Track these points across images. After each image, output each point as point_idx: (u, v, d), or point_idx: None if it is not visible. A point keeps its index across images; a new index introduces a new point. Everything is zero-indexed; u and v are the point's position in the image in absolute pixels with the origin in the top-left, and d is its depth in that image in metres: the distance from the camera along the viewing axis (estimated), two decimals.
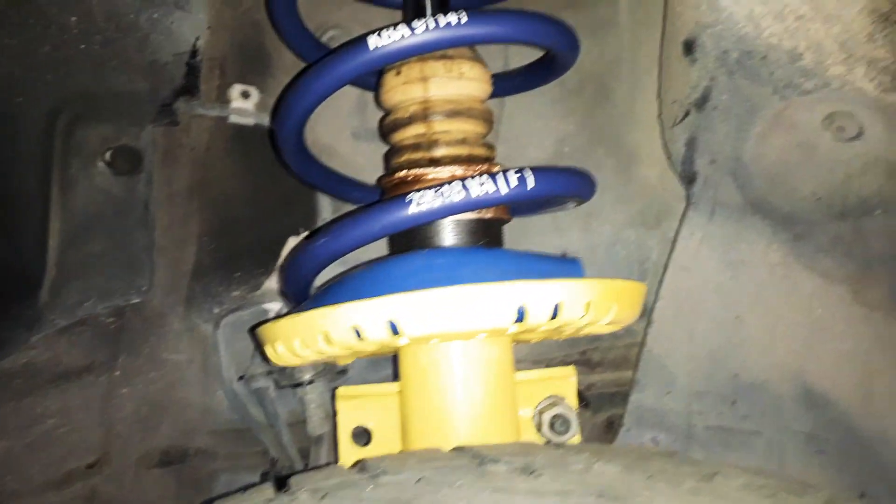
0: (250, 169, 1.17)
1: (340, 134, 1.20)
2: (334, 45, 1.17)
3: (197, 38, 1.09)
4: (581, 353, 1.26)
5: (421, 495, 0.55)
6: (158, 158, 1.11)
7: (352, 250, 0.80)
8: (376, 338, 0.72)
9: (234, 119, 1.14)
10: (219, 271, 1.16)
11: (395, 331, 0.71)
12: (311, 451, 1.19)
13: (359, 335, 0.72)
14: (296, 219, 1.18)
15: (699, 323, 1.12)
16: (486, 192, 0.76)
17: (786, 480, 0.66)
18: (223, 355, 1.15)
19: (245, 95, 1.14)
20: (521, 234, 1.20)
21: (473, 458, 0.64)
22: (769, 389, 1.12)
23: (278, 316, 1.12)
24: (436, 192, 0.76)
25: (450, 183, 0.76)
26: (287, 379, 1.15)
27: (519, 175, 0.77)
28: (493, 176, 0.77)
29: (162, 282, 1.13)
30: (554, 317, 0.72)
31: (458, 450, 0.68)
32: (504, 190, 0.76)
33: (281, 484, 0.65)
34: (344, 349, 0.74)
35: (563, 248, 1.22)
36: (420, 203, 0.75)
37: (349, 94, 1.19)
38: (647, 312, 1.14)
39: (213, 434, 1.21)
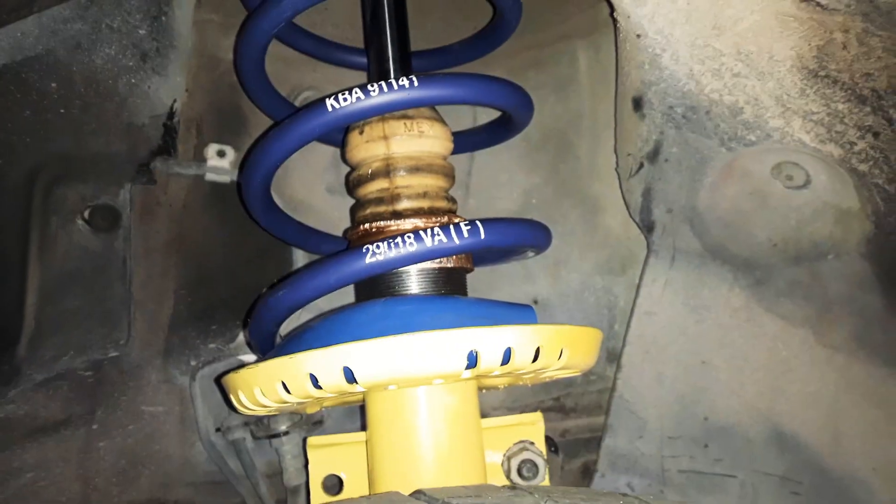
0: (226, 224, 1.20)
1: (315, 189, 1.24)
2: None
3: (174, 101, 1.13)
4: (555, 399, 1.28)
5: None
6: (136, 215, 1.13)
7: (311, 301, 0.83)
8: (332, 385, 0.74)
9: (210, 177, 1.17)
10: (195, 324, 1.18)
11: (350, 378, 0.74)
12: (287, 501, 1.20)
13: (316, 383, 0.74)
14: (271, 271, 1.21)
15: (667, 367, 1.14)
16: (440, 243, 0.79)
17: None
18: (199, 407, 1.17)
19: (221, 154, 1.17)
20: (491, 282, 1.24)
21: (427, 500, 0.66)
22: (740, 432, 1.13)
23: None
24: (390, 243, 0.79)
25: (403, 235, 0.79)
26: (263, 430, 1.16)
27: (470, 227, 0.80)
28: (445, 228, 0.80)
29: (139, 335, 1.14)
30: (505, 362, 0.75)
31: (416, 493, 0.70)
32: (456, 241, 0.79)
33: None
34: (303, 397, 0.76)
35: (533, 296, 1.25)
36: (375, 254, 0.78)
37: (324, 150, 1.24)
38: (616, 357, 1.16)
39: (192, 486, 1.21)
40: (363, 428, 0.93)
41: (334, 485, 1.00)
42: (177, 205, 1.18)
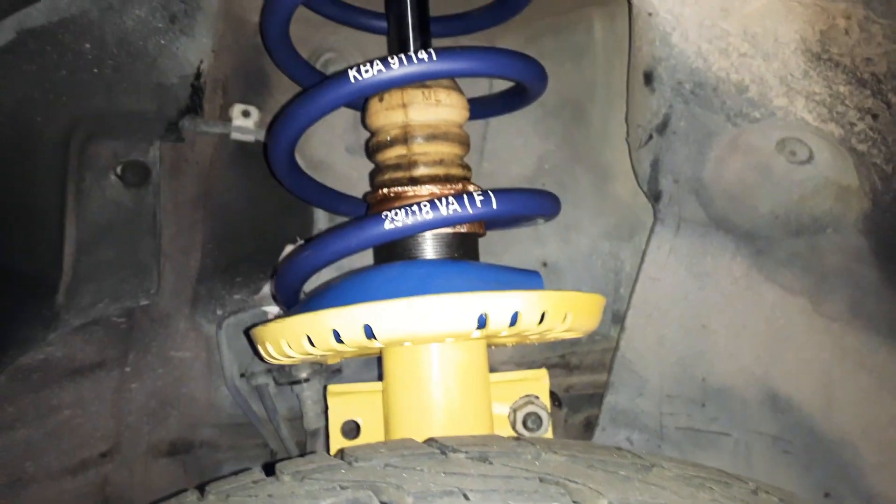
0: (251, 182, 1.25)
1: (335, 150, 1.28)
2: (330, 67, 1.25)
3: (201, 62, 1.16)
4: (560, 356, 1.34)
5: (386, 477, 0.62)
6: (165, 172, 1.17)
7: (334, 261, 0.89)
8: (353, 340, 0.80)
9: (235, 136, 1.21)
10: (221, 276, 1.24)
11: (370, 335, 0.80)
12: (307, 443, 1.27)
13: (338, 338, 0.80)
14: (293, 228, 1.26)
15: (668, 330, 1.19)
16: (454, 212, 0.84)
17: (718, 473, 0.74)
18: (225, 354, 1.23)
19: (246, 114, 1.21)
20: (503, 244, 1.29)
21: (439, 447, 0.72)
22: (736, 393, 1.18)
23: (278, 317, 1.21)
24: (408, 210, 0.84)
25: (420, 203, 0.84)
26: (285, 377, 1.23)
27: (483, 197, 0.85)
28: (459, 197, 0.85)
29: (169, 285, 1.20)
30: (513, 324, 0.80)
31: (429, 440, 0.76)
32: (470, 210, 0.84)
33: (269, 469, 0.73)
34: (326, 350, 0.82)
35: (543, 259, 1.30)
36: (394, 220, 0.84)
37: (344, 112, 1.27)
38: (621, 319, 1.21)
39: (217, 427, 1.28)
40: (380, 378, 0.99)
41: (352, 429, 1.06)
42: (204, 162, 1.22)
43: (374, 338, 0.80)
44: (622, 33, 1.16)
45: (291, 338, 0.83)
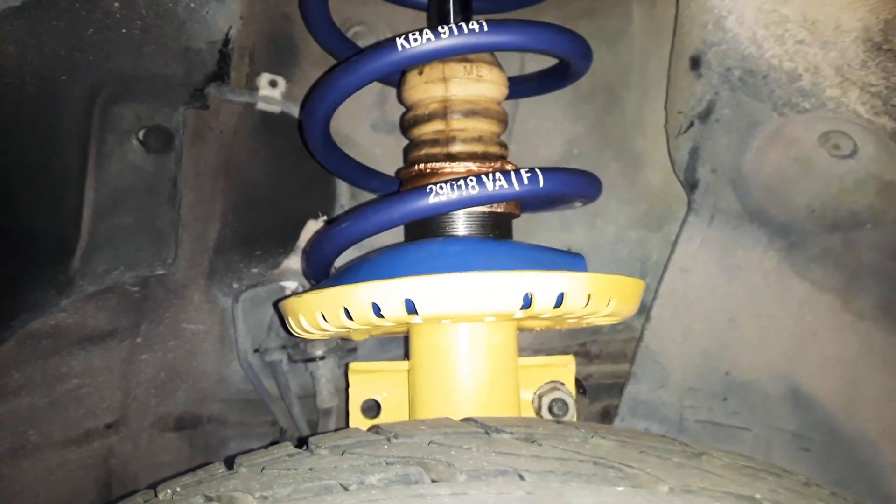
0: (274, 154, 1.22)
1: (360, 125, 1.26)
2: (359, 40, 1.22)
3: (230, 28, 1.14)
4: (581, 344, 1.32)
5: (433, 454, 0.60)
6: (188, 139, 1.15)
7: (373, 234, 0.86)
8: (393, 315, 0.78)
9: (261, 106, 1.19)
10: (240, 248, 1.21)
11: (411, 309, 0.77)
12: (319, 423, 1.25)
13: (377, 312, 0.78)
14: (315, 203, 1.23)
15: (694, 322, 1.17)
16: (500, 188, 0.82)
17: (767, 464, 0.72)
18: (240, 328, 1.21)
19: (273, 84, 1.19)
20: (529, 228, 1.26)
21: (480, 427, 0.70)
22: (758, 388, 1.17)
23: (296, 293, 1.18)
24: (453, 185, 0.82)
25: (466, 178, 0.82)
26: (300, 354, 1.21)
27: (530, 174, 0.83)
28: (506, 174, 0.83)
29: (186, 255, 1.17)
30: (558, 305, 0.78)
31: (467, 420, 0.74)
32: (517, 187, 0.82)
33: (301, 443, 0.70)
34: (363, 324, 0.80)
35: (568, 244, 1.28)
36: (439, 194, 0.81)
37: (371, 88, 1.24)
38: (645, 309, 1.19)
39: (226, 402, 1.26)
40: (406, 357, 0.97)
41: (371, 408, 1.05)
42: (227, 131, 1.20)
43: (416, 313, 0.78)
44: (662, 18, 1.14)
45: (328, 310, 0.81)
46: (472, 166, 0.94)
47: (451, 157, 0.96)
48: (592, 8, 1.24)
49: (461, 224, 0.94)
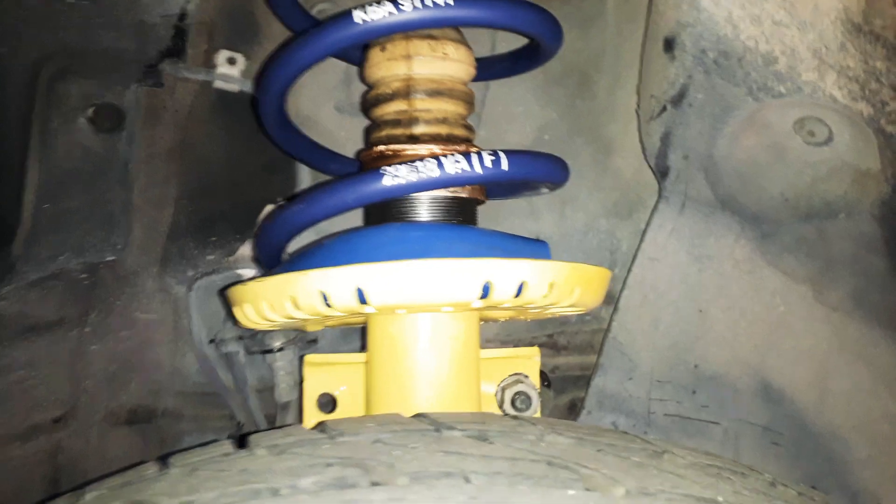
0: (232, 135, 1.17)
1: (323, 106, 1.21)
2: (324, 17, 1.17)
3: (187, 1, 1.09)
4: (548, 335, 1.29)
5: (375, 455, 0.56)
6: (141, 118, 1.10)
7: (326, 218, 0.82)
8: (343, 305, 0.73)
9: (218, 84, 1.14)
10: (195, 234, 1.16)
11: (362, 299, 0.73)
12: (277, 417, 1.21)
13: (326, 301, 0.74)
14: (275, 187, 1.19)
15: (664, 313, 1.14)
16: (461, 171, 0.77)
17: (732, 463, 0.69)
18: (195, 318, 1.16)
19: (231, 62, 1.14)
20: (496, 216, 1.23)
21: (431, 424, 0.66)
22: (728, 382, 1.15)
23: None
24: (410, 166, 0.77)
25: (424, 160, 0.78)
26: (257, 345, 1.17)
27: (493, 157, 0.79)
28: (467, 155, 0.79)
29: (137, 241, 1.13)
30: (518, 294, 0.75)
31: (418, 416, 0.70)
32: (478, 170, 0.78)
33: (241, 442, 0.66)
34: (311, 314, 0.76)
35: (537, 233, 1.24)
36: (395, 176, 0.77)
37: (335, 67, 1.20)
38: (613, 300, 1.16)
39: (182, 395, 1.22)
40: (362, 349, 0.93)
41: (328, 403, 1.00)
42: (183, 111, 1.15)
43: (367, 303, 0.73)
44: (637, 3, 1.10)
45: (274, 299, 0.76)
46: (436, 149, 0.90)
47: (414, 139, 0.91)
48: None
49: (423, 209, 0.90)
